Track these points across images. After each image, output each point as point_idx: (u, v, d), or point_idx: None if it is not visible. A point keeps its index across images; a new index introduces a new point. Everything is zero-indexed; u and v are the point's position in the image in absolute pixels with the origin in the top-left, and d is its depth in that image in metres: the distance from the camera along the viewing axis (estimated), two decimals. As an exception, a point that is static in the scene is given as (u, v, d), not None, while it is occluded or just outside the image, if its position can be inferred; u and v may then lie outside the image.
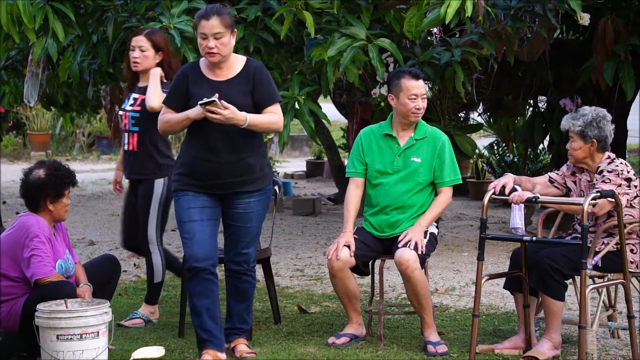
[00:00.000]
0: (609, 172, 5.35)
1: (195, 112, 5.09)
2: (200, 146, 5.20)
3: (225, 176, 5.19)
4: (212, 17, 5.09)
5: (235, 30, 5.18)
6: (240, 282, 5.46)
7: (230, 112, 5.00)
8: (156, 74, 6.16)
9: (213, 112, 4.99)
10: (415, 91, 5.72)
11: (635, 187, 5.37)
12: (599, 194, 5.19)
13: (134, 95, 6.28)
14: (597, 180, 5.39)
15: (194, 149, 5.23)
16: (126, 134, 6.25)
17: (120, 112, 6.33)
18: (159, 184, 6.19)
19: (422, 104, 5.76)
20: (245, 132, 5.12)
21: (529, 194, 5.32)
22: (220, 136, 5.14)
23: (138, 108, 6.18)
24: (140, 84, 6.29)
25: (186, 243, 5.23)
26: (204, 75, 5.22)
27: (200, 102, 5.03)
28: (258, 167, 5.25)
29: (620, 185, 5.30)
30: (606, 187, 5.26)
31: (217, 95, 4.99)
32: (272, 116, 5.20)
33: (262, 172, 5.28)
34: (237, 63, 5.24)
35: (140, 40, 6.24)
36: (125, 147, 6.26)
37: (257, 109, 5.18)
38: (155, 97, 6.02)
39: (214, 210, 5.28)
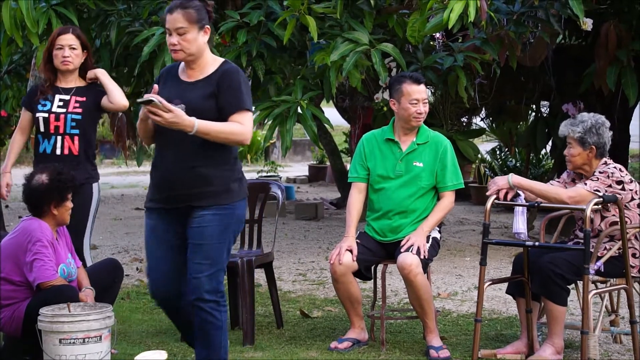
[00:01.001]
0: (600, 172, 5.36)
1: (142, 111, 4.55)
2: (157, 152, 4.68)
3: (177, 187, 4.56)
4: (175, 11, 4.54)
5: (208, 27, 4.58)
6: (197, 319, 4.60)
7: (173, 116, 4.37)
8: (105, 73, 6.00)
9: (154, 113, 4.40)
10: (417, 96, 5.72)
11: (631, 190, 5.36)
12: (601, 199, 5.19)
13: (62, 96, 5.96)
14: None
15: (155, 156, 4.72)
16: (59, 137, 5.90)
17: (43, 115, 5.93)
18: (97, 188, 6.01)
19: (424, 108, 5.76)
20: (198, 139, 4.46)
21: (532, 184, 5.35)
22: (171, 142, 4.55)
23: (79, 110, 5.92)
24: (64, 85, 6.00)
25: (147, 274, 4.74)
26: (177, 75, 4.69)
27: (138, 100, 4.60)
28: (218, 181, 4.55)
29: (610, 186, 5.30)
30: (592, 183, 5.26)
31: (157, 95, 4.43)
32: (233, 126, 4.49)
33: (224, 187, 4.55)
34: (212, 64, 4.62)
35: (70, 39, 5.97)
36: (58, 152, 5.89)
37: (222, 115, 4.53)
38: (123, 94, 5.92)
39: (173, 235, 4.64)
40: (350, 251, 5.67)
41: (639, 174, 15.11)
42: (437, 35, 8.36)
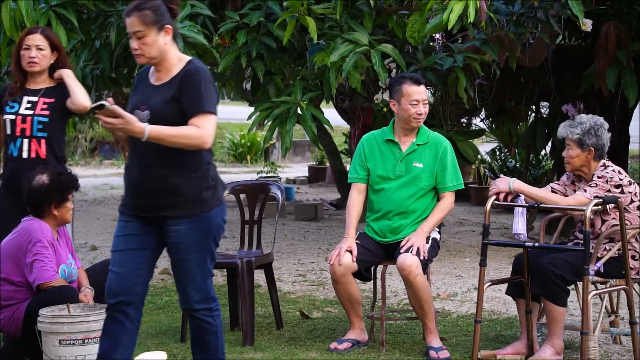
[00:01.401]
0: (598, 177, 5.36)
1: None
2: (128, 159, 4.52)
3: (146, 196, 4.38)
4: (132, 15, 4.32)
5: (169, 26, 4.34)
6: (194, 326, 4.52)
7: (121, 122, 4.16)
8: (70, 74, 5.89)
9: (105, 120, 4.20)
10: (417, 97, 5.72)
11: (630, 192, 5.37)
12: (601, 199, 5.20)
13: (30, 98, 5.84)
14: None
15: (127, 162, 4.57)
16: (25, 140, 5.77)
17: (10, 117, 5.79)
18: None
19: (424, 109, 5.76)
20: (161, 146, 4.27)
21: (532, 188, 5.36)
22: (139, 149, 4.35)
23: (47, 112, 5.80)
24: (33, 86, 5.89)
25: (108, 275, 4.51)
26: (147, 79, 4.49)
27: (91, 106, 4.46)
28: (188, 190, 4.33)
29: (609, 191, 5.30)
30: (592, 190, 5.27)
31: (110, 100, 4.24)
32: (189, 130, 4.26)
33: (195, 196, 4.35)
34: (177, 65, 4.39)
35: (37, 39, 5.84)
36: (25, 155, 5.74)
37: (185, 119, 4.31)
38: (85, 95, 5.80)
39: (144, 237, 4.44)
40: (350, 252, 5.67)
41: (639, 175, 15.11)
42: (437, 36, 8.36)
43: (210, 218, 4.39)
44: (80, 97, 5.76)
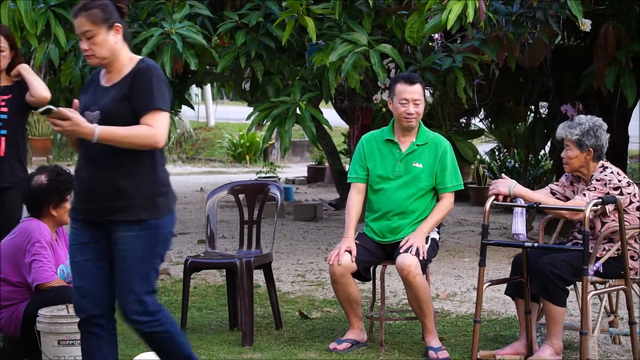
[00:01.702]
0: (597, 180, 5.35)
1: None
2: (78, 161, 4.41)
3: (94, 199, 4.26)
4: (79, 15, 4.21)
5: (118, 24, 4.25)
6: (145, 339, 4.38)
7: (70, 124, 4.07)
8: (27, 68, 5.89)
9: (55, 123, 4.12)
10: (406, 96, 5.70)
11: (629, 193, 5.36)
12: (600, 199, 5.20)
13: None
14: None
15: (76, 165, 4.45)
16: None
17: None
18: None
19: (414, 109, 5.72)
20: (111, 147, 4.17)
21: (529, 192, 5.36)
22: (89, 151, 4.25)
23: (6, 109, 5.83)
24: None
25: (72, 289, 4.42)
26: (97, 80, 4.38)
27: (38, 110, 4.37)
28: (139, 193, 4.22)
29: (607, 194, 5.30)
30: (591, 194, 5.27)
31: (50, 106, 4.13)
32: (140, 129, 4.16)
33: (145, 200, 4.22)
34: (128, 65, 4.29)
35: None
36: None
37: (137, 118, 4.21)
38: (44, 87, 5.81)
39: (97, 247, 4.32)
40: (350, 252, 5.67)
41: (638, 175, 15.11)
42: (436, 36, 8.36)
43: (159, 227, 4.26)
44: (39, 89, 5.80)
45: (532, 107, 11.10)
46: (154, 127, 4.17)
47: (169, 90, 4.30)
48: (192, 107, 10.40)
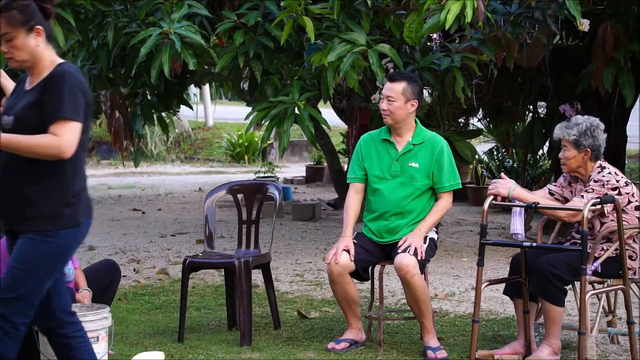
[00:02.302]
0: (595, 181, 5.35)
1: None
2: None
3: (2, 207, 4.11)
4: None
5: (39, 27, 4.07)
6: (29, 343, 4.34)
7: None
8: (4, 74, 5.77)
9: None
10: (384, 92, 5.77)
11: (627, 193, 5.36)
12: (598, 199, 5.20)
13: None
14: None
15: None
16: None
17: None
18: None
19: (388, 106, 5.74)
20: (19, 156, 3.99)
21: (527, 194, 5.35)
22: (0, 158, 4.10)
23: None
24: None
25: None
26: (24, 83, 4.22)
27: None
28: (43, 202, 4.02)
29: (606, 195, 5.30)
30: (589, 196, 5.26)
31: None
32: (44, 139, 3.96)
33: (50, 210, 4.03)
34: (49, 68, 4.10)
35: None
36: None
37: (46, 126, 4.01)
38: None
39: None
40: (348, 251, 5.67)
41: (637, 175, 15.11)
42: (434, 36, 8.36)
43: (57, 238, 4.04)
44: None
45: (531, 107, 11.11)
46: (60, 137, 3.97)
47: (84, 98, 4.08)
48: (191, 107, 10.40)
